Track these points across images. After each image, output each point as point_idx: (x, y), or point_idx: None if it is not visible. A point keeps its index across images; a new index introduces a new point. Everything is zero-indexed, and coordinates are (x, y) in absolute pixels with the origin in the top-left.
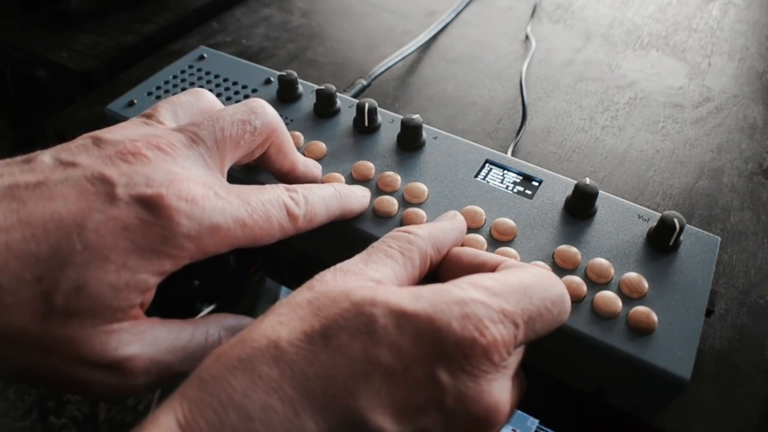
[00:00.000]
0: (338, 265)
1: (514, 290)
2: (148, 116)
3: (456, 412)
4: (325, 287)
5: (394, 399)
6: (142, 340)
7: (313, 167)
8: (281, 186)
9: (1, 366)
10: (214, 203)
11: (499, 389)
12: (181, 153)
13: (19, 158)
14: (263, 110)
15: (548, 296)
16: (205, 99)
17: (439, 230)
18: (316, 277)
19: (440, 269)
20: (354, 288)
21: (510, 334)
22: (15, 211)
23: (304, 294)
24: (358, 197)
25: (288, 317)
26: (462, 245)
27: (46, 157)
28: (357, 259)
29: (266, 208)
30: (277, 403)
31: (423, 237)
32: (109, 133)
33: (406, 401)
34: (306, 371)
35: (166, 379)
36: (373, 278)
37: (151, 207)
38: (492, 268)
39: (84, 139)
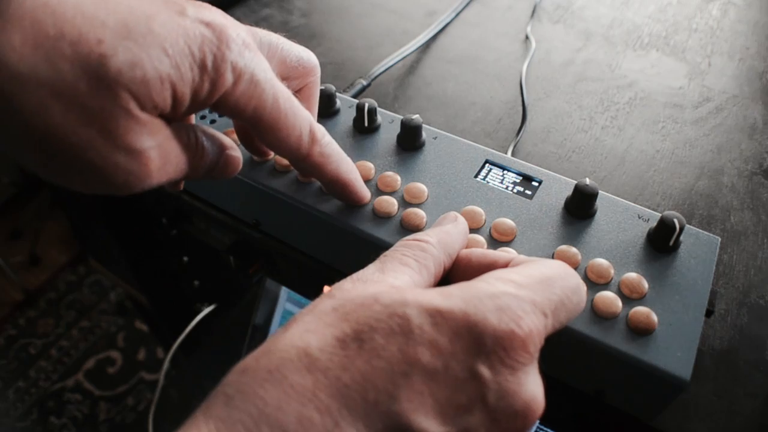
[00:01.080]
0: (354, 275)
1: (539, 281)
2: None
3: (499, 409)
4: (347, 294)
5: (437, 399)
6: (162, 135)
7: None
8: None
9: (36, 122)
10: (263, 63)
11: (535, 381)
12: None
13: None
14: (312, 54)
15: (568, 285)
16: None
17: (447, 235)
18: (335, 286)
19: (451, 273)
20: (381, 292)
21: (542, 323)
22: None
23: (326, 302)
24: (363, 183)
25: (315, 324)
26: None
27: None
28: (372, 268)
29: (299, 109)
30: (314, 414)
31: (434, 244)
32: None
33: (449, 400)
34: (342, 378)
35: (169, 179)
36: (393, 285)
37: (214, 29)
38: (504, 265)
39: None
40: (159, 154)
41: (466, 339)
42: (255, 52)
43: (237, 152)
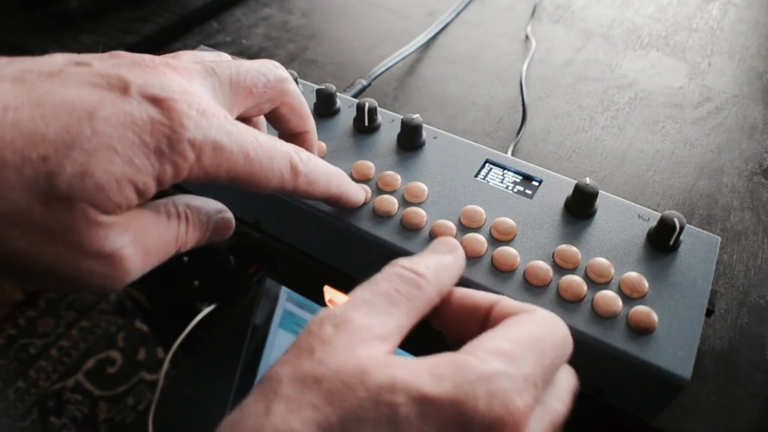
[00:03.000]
0: (338, 314)
1: (530, 349)
2: (171, 56)
3: None
4: (331, 359)
5: None
6: (134, 230)
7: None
8: (291, 144)
9: (0, 250)
10: (223, 123)
11: None
12: (196, 80)
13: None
14: (279, 68)
15: (557, 342)
16: (225, 59)
17: (444, 270)
18: (314, 330)
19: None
20: (367, 369)
21: (532, 397)
22: (25, 92)
23: (305, 366)
24: (357, 188)
25: (297, 403)
26: (462, 245)
27: (59, 56)
28: (360, 303)
29: (272, 150)
30: None
31: (430, 280)
32: (126, 52)
33: None
34: None
35: (152, 266)
36: (379, 336)
37: (162, 108)
38: (486, 311)
39: (101, 53)
40: (136, 248)
41: (454, 428)
42: (212, 116)
43: (228, 214)
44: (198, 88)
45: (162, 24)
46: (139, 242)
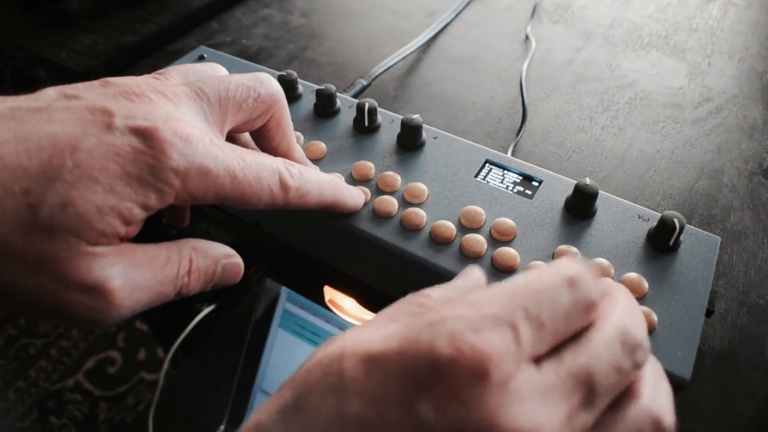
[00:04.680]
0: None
1: (499, 295)
2: (159, 74)
3: None
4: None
5: None
6: (123, 263)
7: (308, 161)
8: (280, 158)
9: None
10: (208, 147)
11: (522, 412)
12: (184, 103)
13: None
14: (269, 82)
15: (542, 284)
16: (218, 71)
17: (454, 290)
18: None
19: None
20: (324, 346)
21: (507, 337)
22: (12, 128)
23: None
24: (353, 194)
25: (270, 400)
26: (462, 245)
27: (51, 90)
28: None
29: (259, 169)
30: None
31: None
32: (116, 78)
33: None
34: None
35: (145, 305)
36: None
37: (145, 137)
38: None
39: (92, 82)
40: (124, 282)
41: (399, 380)
42: (197, 141)
43: (236, 259)
44: (185, 112)
45: (162, 24)
46: (129, 277)
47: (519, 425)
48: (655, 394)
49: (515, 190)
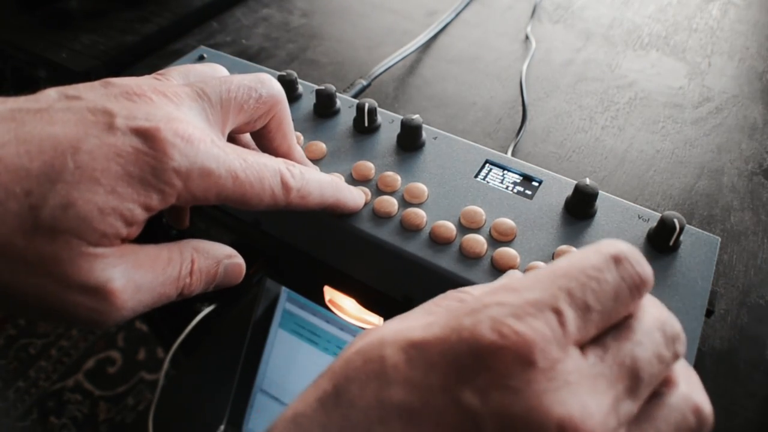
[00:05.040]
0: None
1: (541, 279)
2: (160, 74)
3: None
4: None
5: None
6: (125, 264)
7: (309, 162)
8: (281, 159)
9: None
10: (209, 148)
11: (570, 399)
12: (185, 103)
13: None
14: (270, 82)
15: (586, 264)
16: (219, 71)
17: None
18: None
19: None
20: (362, 336)
21: (550, 324)
22: (13, 129)
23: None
24: (353, 194)
25: (305, 391)
26: (461, 245)
27: (52, 91)
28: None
29: (261, 169)
30: None
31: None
32: (117, 78)
33: None
34: None
35: (147, 306)
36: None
37: (146, 138)
38: None
39: (93, 82)
40: (126, 283)
41: (443, 367)
42: (198, 141)
43: (238, 259)
44: (186, 112)
45: (162, 24)
46: (130, 278)
47: (567, 412)
48: (692, 384)
49: (515, 191)
